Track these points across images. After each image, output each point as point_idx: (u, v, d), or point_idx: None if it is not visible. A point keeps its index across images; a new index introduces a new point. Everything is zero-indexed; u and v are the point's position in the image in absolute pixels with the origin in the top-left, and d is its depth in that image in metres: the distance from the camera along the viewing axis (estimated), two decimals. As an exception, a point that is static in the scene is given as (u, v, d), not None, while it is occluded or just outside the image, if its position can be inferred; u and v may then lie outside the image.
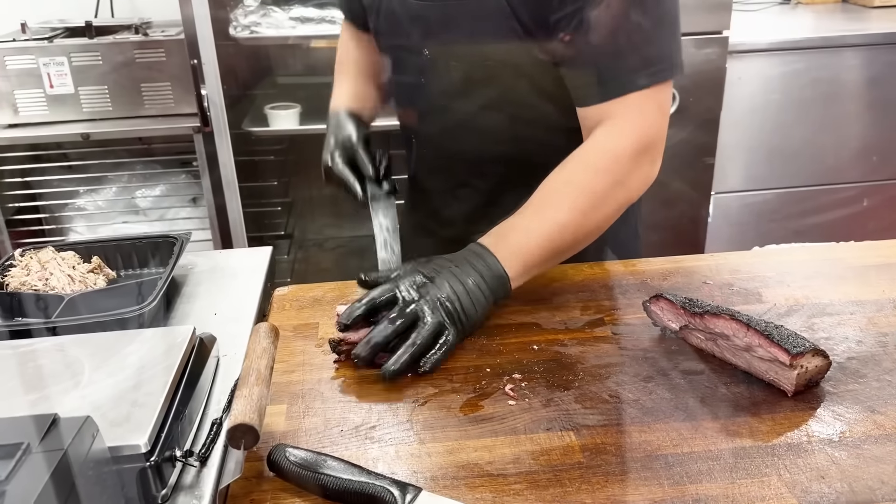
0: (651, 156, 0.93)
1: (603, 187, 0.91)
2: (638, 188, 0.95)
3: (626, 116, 0.91)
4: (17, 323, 0.84)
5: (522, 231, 0.91)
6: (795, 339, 0.75)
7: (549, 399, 0.75)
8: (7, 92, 2.18)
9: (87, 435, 0.54)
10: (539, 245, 0.90)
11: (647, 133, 0.92)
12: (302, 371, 0.82)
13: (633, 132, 0.91)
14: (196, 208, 2.40)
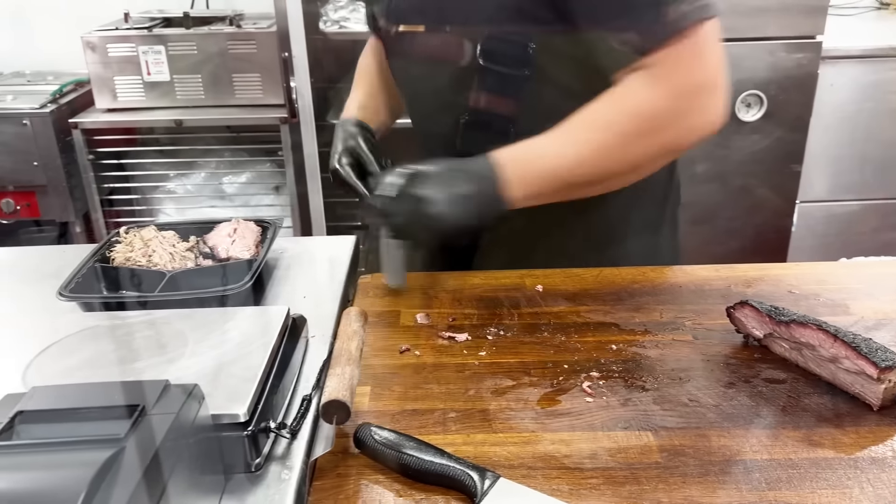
0: (698, 104, 0.88)
1: (631, 129, 0.88)
2: (681, 138, 0.89)
3: (662, 65, 0.86)
4: (126, 295, 0.90)
5: (536, 156, 0.89)
6: (884, 352, 0.73)
7: (627, 399, 0.76)
8: (107, 78, 2.30)
9: (194, 401, 0.58)
10: (551, 173, 0.89)
11: (688, 80, 0.87)
12: (384, 355, 0.85)
13: (670, 80, 0.86)
14: (278, 196, 2.48)
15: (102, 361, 0.70)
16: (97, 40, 2.26)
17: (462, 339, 0.87)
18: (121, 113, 2.32)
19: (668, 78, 0.86)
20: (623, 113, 0.88)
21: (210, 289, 0.87)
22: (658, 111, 0.87)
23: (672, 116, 0.87)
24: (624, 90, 0.88)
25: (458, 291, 0.99)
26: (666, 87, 0.86)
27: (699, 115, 0.88)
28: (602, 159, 0.89)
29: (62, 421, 0.53)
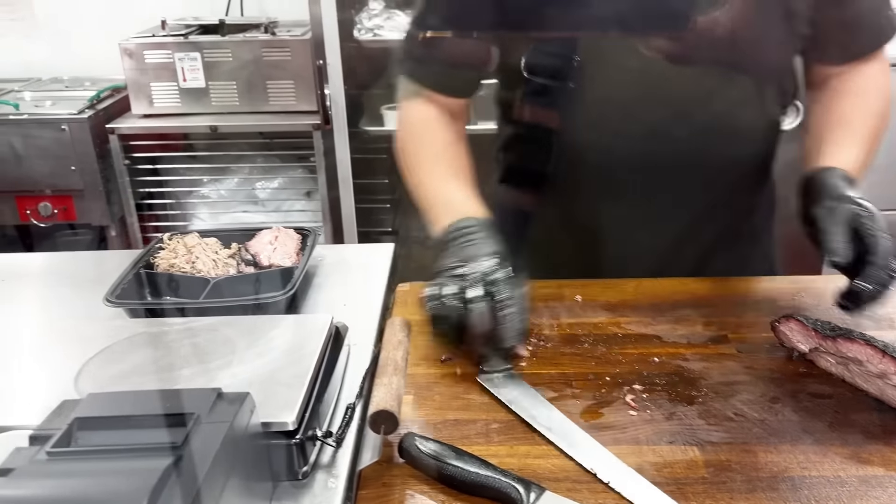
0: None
1: (885, 109, 1.00)
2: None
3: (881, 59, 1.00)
4: (171, 302, 0.91)
5: (859, 162, 0.93)
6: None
7: (672, 412, 0.76)
8: (144, 84, 2.34)
9: (246, 409, 0.58)
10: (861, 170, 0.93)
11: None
12: (426, 364, 0.85)
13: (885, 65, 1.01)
14: (310, 202, 2.50)
15: (152, 368, 0.71)
16: (134, 47, 2.30)
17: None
18: (156, 119, 2.36)
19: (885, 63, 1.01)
20: (880, 97, 1.00)
21: (253, 296, 0.88)
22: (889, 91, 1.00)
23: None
24: (864, 80, 1.00)
25: (496, 301, 0.99)
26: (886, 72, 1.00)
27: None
28: (878, 143, 0.98)
29: (119, 428, 0.54)
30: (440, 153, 0.98)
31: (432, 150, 0.99)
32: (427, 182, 0.97)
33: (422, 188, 0.98)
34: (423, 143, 1.00)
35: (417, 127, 1.01)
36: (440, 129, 1.00)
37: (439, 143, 0.99)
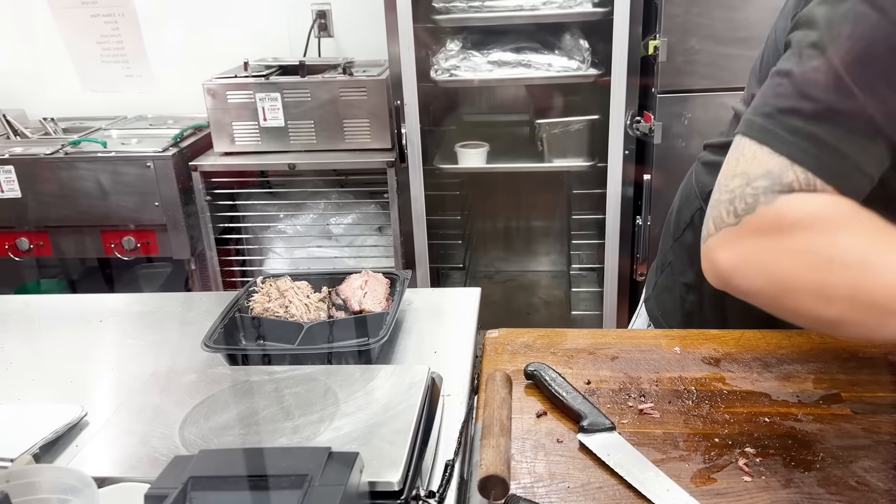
0: None
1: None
2: None
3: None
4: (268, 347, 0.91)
5: None
6: None
7: (789, 479, 0.71)
8: (226, 123, 2.40)
9: (357, 470, 0.57)
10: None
11: None
12: (521, 419, 0.83)
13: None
14: (381, 237, 2.52)
15: (255, 418, 0.71)
16: (217, 87, 2.37)
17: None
18: (237, 156, 2.42)
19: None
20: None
21: (347, 341, 0.88)
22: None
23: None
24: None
25: (591, 350, 0.96)
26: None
27: None
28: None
29: (232, 489, 0.54)
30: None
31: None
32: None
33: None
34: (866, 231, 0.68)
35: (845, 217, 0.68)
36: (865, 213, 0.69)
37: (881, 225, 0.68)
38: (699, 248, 1.04)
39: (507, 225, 2.98)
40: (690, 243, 1.08)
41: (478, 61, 2.08)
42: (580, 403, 0.82)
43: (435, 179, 2.46)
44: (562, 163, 2.30)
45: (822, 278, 0.66)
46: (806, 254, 0.67)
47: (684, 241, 1.10)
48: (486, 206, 2.93)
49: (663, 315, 1.13)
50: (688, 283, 1.09)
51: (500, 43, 2.14)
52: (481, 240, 3.02)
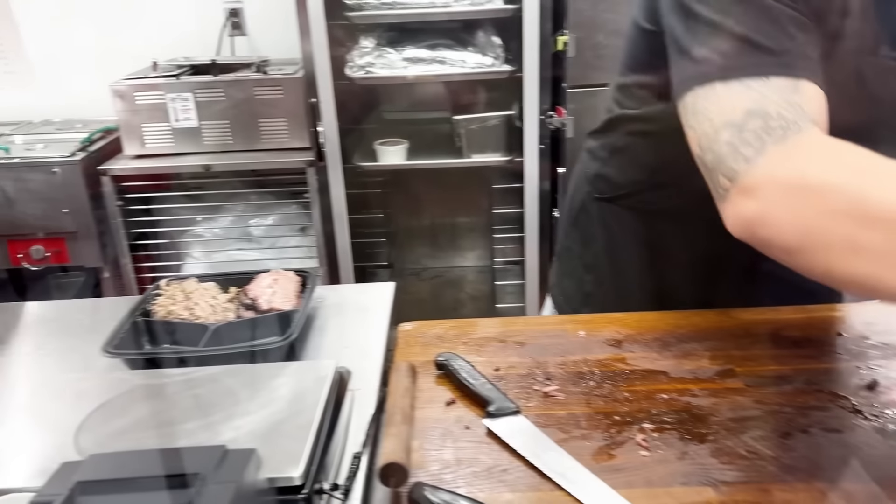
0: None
1: None
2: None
3: None
4: (170, 350, 0.89)
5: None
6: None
7: (684, 452, 0.74)
8: (136, 125, 2.34)
9: (252, 467, 0.57)
10: None
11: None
12: (431, 408, 0.84)
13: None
14: (304, 237, 2.49)
15: (153, 422, 0.69)
16: (126, 89, 2.30)
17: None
18: (149, 159, 2.36)
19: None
20: None
21: (254, 341, 0.87)
22: None
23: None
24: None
25: (500, 338, 0.98)
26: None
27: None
28: None
29: (122, 491, 0.53)
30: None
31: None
32: None
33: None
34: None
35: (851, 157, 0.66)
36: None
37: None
38: (593, 230, 1.09)
39: (432, 222, 3.00)
40: (584, 226, 1.12)
41: (393, 58, 2.08)
42: (487, 390, 0.84)
43: (357, 178, 2.45)
44: (480, 158, 2.32)
45: (852, 230, 0.61)
46: (834, 196, 0.63)
47: (578, 225, 1.14)
48: (410, 203, 2.93)
49: (565, 300, 1.17)
50: (586, 264, 1.13)
51: (414, 40, 2.15)
52: (407, 237, 3.02)
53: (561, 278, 1.19)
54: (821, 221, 0.63)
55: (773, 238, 0.67)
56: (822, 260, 0.64)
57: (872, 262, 0.60)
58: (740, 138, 0.69)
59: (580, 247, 1.13)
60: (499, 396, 0.82)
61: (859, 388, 0.84)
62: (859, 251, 0.61)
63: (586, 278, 1.12)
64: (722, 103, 0.71)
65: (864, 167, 0.64)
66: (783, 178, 0.66)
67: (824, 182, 0.64)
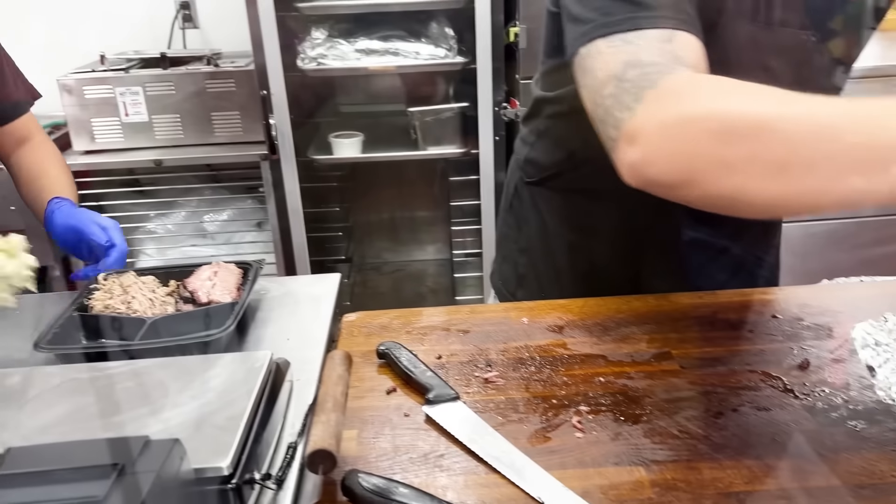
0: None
1: None
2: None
3: None
4: (105, 345, 0.88)
5: None
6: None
7: (618, 433, 0.75)
8: (85, 120, 2.29)
9: (176, 457, 0.56)
10: None
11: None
12: (371, 397, 0.84)
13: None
14: (261, 232, 2.47)
15: (82, 416, 0.68)
16: (73, 83, 2.26)
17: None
18: (99, 155, 2.31)
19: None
20: None
21: (192, 334, 0.86)
22: None
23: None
24: None
25: (444, 327, 0.98)
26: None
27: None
28: None
29: (39, 484, 0.52)
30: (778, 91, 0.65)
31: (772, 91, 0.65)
32: (831, 110, 0.61)
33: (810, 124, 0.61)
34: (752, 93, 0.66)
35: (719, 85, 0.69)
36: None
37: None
38: (526, 214, 1.12)
39: (391, 215, 2.99)
40: (518, 211, 1.16)
41: (345, 49, 2.07)
42: (427, 377, 0.84)
43: (313, 171, 2.44)
44: (436, 150, 2.32)
45: (720, 149, 0.63)
46: (701, 122, 0.65)
47: (513, 210, 1.17)
48: (369, 197, 2.92)
49: (503, 283, 1.19)
50: (520, 248, 1.16)
51: (367, 31, 2.14)
52: (366, 231, 3.01)
53: (500, 264, 1.21)
54: (694, 149, 0.65)
55: (658, 177, 0.69)
56: (700, 186, 0.66)
57: (740, 174, 0.62)
58: (621, 88, 0.71)
59: (515, 231, 1.15)
60: (439, 383, 0.83)
61: (791, 368, 0.86)
62: (729, 167, 0.63)
63: (521, 261, 1.15)
64: (605, 58, 0.75)
65: (726, 90, 0.67)
66: (658, 120, 0.68)
67: (692, 113, 0.66)
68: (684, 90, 0.68)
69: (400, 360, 0.87)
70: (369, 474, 0.67)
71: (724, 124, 0.63)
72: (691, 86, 0.68)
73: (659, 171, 0.68)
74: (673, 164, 0.67)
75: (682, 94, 0.68)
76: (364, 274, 3.02)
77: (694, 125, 0.65)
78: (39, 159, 1.26)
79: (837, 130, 0.58)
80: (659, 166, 0.68)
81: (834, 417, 0.77)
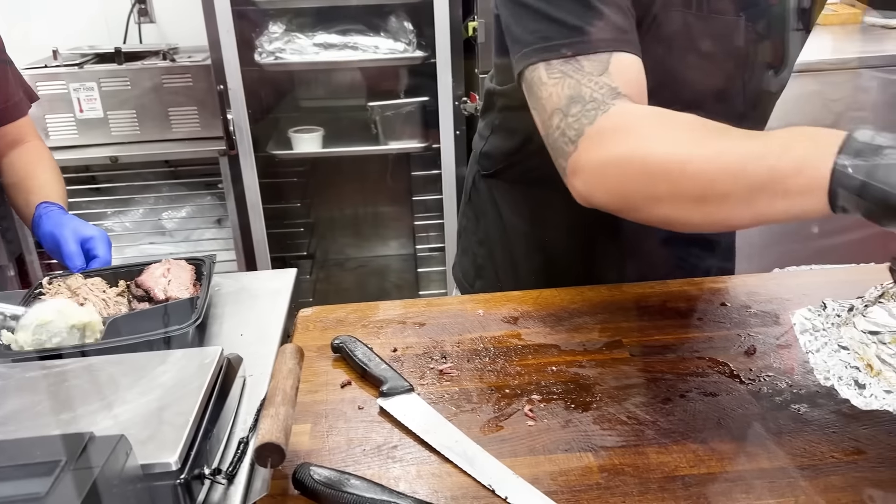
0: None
1: None
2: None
3: None
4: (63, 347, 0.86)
5: None
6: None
7: (568, 420, 0.77)
8: (38, 117, 2.24)
9: (121, 453, 0.56)
10: None
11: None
12: (325, 391, 0.84)
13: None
14: (221, 229, 2.44)
15: (30, 414, 0.67)
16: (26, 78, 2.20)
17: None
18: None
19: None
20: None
21: (155, 332, 0.85)
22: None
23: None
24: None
25: (401, 320, 0.98)
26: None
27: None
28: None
29: (-22, 483, 0.51)
30: (709, 124, 0.73)
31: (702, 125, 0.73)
32: (736, 148, 0.69)
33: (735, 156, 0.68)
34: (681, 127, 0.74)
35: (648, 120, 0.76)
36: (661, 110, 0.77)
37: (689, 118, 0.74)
38: (483, 206, 1.14)
39: (354, 211, 2.98)
40: (476, 203, 1.18)
41: (303, 44, 2.05)
42: (382, 370, 0.84)
43: (273, 167, 2.42)
44: (397, 145, 2.32)
45: (648, 186, 0.73)
46: (629, 164, 0.74)
47: (471, 203, 1.19)
48: (331, 192, 2.91)
49: (463, 275, 1.21)
50: (479, 239, 1.18)
51: (325, 25, 2.13)
52: (328, 227, 3.00)
53: (460, 257, 1.22)
54: (626, 185, 0.75)
55: (601, 204, 0.79)
56: (637, 213, 0.77)
57: (667, 205, 0.73)
58: (566, 123, 0.78)
59: (474, 223, 1.17)
60: (393, 376, 0.83)
61: (738, 355, 0.88)
62: (657, 200, 0.73)
63: (479, 252, 1.17)
64: (549, 89, 0.80)
65: (651, 131, 0.74)
66: (595, 158, 0.76)
67: (622, 154, 0.75)
68: (617, 130, 0.75)
69: (355, 353, 0.87)
70: (321, 467, 0.67)
71: (648, 166, 0.72)
72: (623, 125, 0.75)
73: (600, 200, 0.78)
74: (611, 196, 0.77)
75: (615, 133, 0.75)
76: (327, 270, 3.01)
77: (624, 166, 0.74)
78: (30, 161, 1.25)
79: (743, 165, 0.67)
80: (600, 196, 0.78)
81: (778, 401, 0.79)
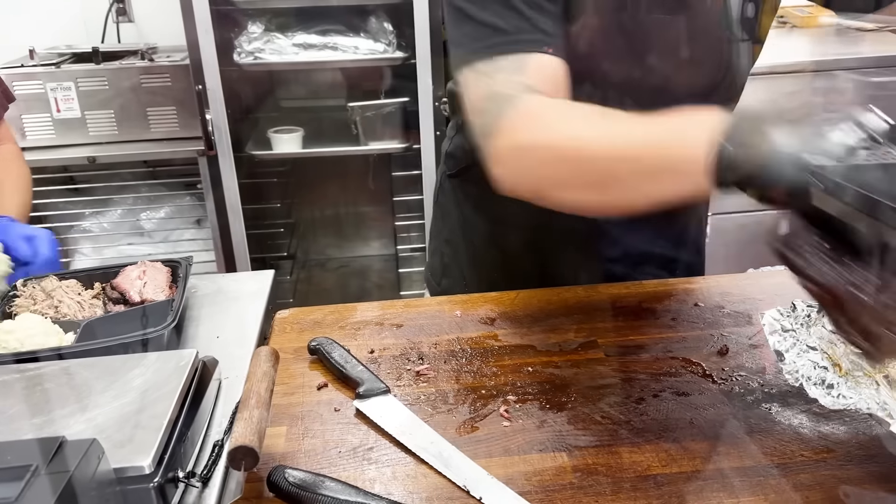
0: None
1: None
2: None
3: None
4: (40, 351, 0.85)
5: None
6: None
7: (543, 420, 0.77)
8: (15, 116, 2.22)
9: (93, 457, 0.56)
10: None
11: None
12: (301, 393, 0.84)
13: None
14: (200, 230, 2.43)
15: (2, 418, 0.67)
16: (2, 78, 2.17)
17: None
18: (30, 152, 2.24)
19: None
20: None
21: (131, 334, 0.84)
22: None
23: None
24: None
25: (378, 321, 0.99)
26: None
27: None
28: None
29: (-53, 488, 0.51)
30: (606, 112, 0.76)
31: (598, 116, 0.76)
32: (630, 133, 0.72)
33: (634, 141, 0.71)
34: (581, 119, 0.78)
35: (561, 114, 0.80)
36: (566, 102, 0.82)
37: (587, 109, 0.77)
38: (449, 206, 1.17)
39: (336, 211, 2.97)
40: (443, 203, 1.20)
41: (282, 44, 2.05)
42: (358, 372, 0.84)
43: (253, 168, 2.41)
44: (377, 145, 2.32)
45: (553, 172, 0.77)
46: (535, 151, 0.78)
47: (439, 203, 1.21)
48: (312, 193, 2.90)
49: (432, 274, 1.22)
50: (446, 239, 1.20)
51: (305, 25, 2.12)
52: (309, 227, 2.99)
53: (431, 256, 1.24)
54: (533, 171, 0.79)
55: (516, 191, 0.81)
56: (548, 198, 0.80)
57: (571, 190, 0.77)
58: (482, 120, 0.83)
59: (441, 223, 1.19)
60: (370, 378, 0.83)
61: (711, 354, 0.89)
62: (562, 184, 0.77)
63: (446, 251, 1.20)
64: (472, 89, 0.85)
65: (554, 121, 0.78)
66: (505, 147, 0.80)
67: (528, 142, 0.78)
68: (524, 120, 0.79)
69: (331, 355, 0.87)
70: (295, 469, 0.67)
71: (550, 152, 0.76)
72: (529, 115, 0.79)
73: (514, 187, 0.81)
74: (523, 182, 0.81)
75: (523, 124, 0.79)
76: (308, 271, 3.00)
77: (531, 153, 0.78)
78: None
79: (637, 151, 0.70)
80: (513, 182, 0.81)
81: (749, 401, 0.80)
